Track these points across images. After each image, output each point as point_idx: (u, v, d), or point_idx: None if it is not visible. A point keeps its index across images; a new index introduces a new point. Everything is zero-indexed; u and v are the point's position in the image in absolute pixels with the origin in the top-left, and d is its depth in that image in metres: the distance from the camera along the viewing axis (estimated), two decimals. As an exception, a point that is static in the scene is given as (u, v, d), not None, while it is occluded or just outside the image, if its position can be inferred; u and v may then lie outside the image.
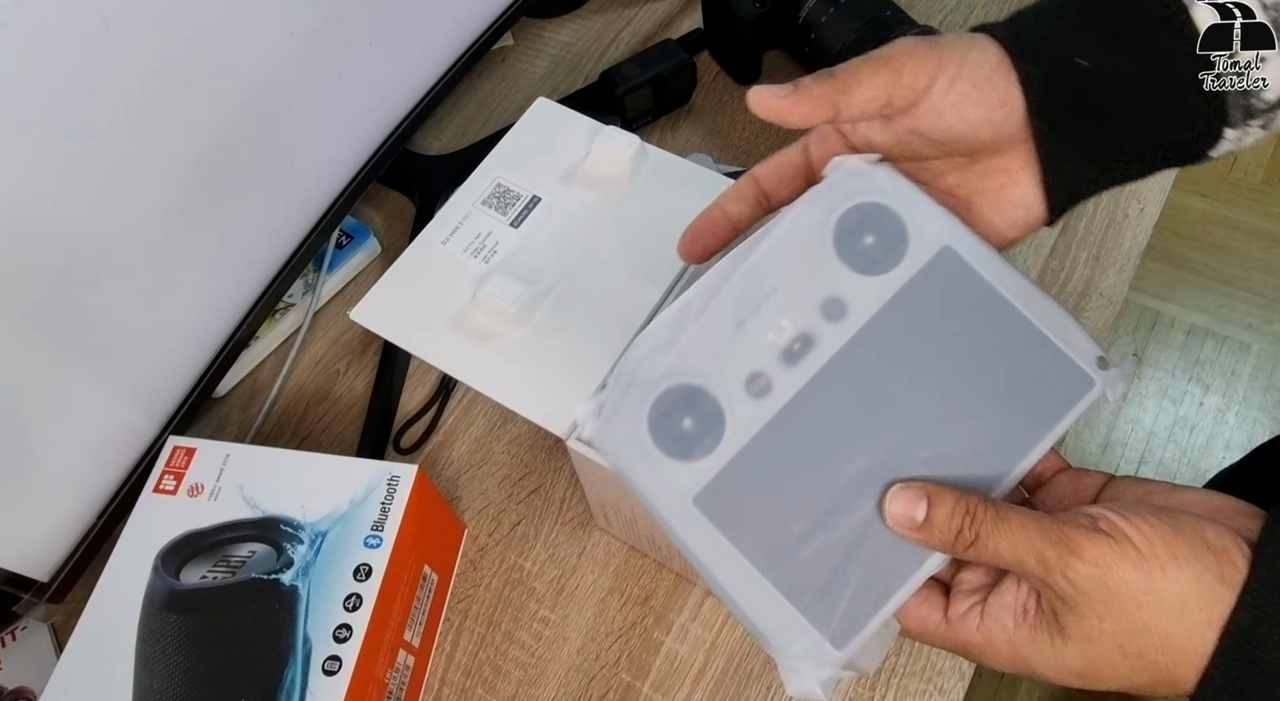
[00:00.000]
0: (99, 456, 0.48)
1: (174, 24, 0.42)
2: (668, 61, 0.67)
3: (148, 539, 0.45)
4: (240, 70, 0.46)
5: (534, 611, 0.51)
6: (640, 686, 0.49)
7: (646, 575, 0.52)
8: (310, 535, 0.45)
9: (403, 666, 0.47)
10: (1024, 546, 0.27)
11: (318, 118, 0.54)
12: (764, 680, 0.48)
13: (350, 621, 0.42)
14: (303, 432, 0.59)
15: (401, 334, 0.45)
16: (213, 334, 0.53)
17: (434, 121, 0.72)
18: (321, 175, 0.56)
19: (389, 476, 0.46)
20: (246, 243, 0.53)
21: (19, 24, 0.35)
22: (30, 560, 0.46)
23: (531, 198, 0.48)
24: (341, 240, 0.64)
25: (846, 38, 0.62)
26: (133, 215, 0.44)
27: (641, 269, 0.46)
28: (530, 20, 0.78)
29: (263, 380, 0.62)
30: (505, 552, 0.53)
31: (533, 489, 0.55)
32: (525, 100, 0.72)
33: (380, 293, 0.46)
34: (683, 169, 0.49)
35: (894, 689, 0.47)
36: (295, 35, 0.49)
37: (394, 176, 0.67)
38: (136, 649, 0.42)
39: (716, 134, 0.69)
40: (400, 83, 0.60)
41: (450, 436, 0.58)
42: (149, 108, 0.42)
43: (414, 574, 0.47)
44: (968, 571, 0.30)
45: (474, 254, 0.47)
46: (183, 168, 0.45)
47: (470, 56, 0.65)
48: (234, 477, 0.46)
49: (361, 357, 0.62)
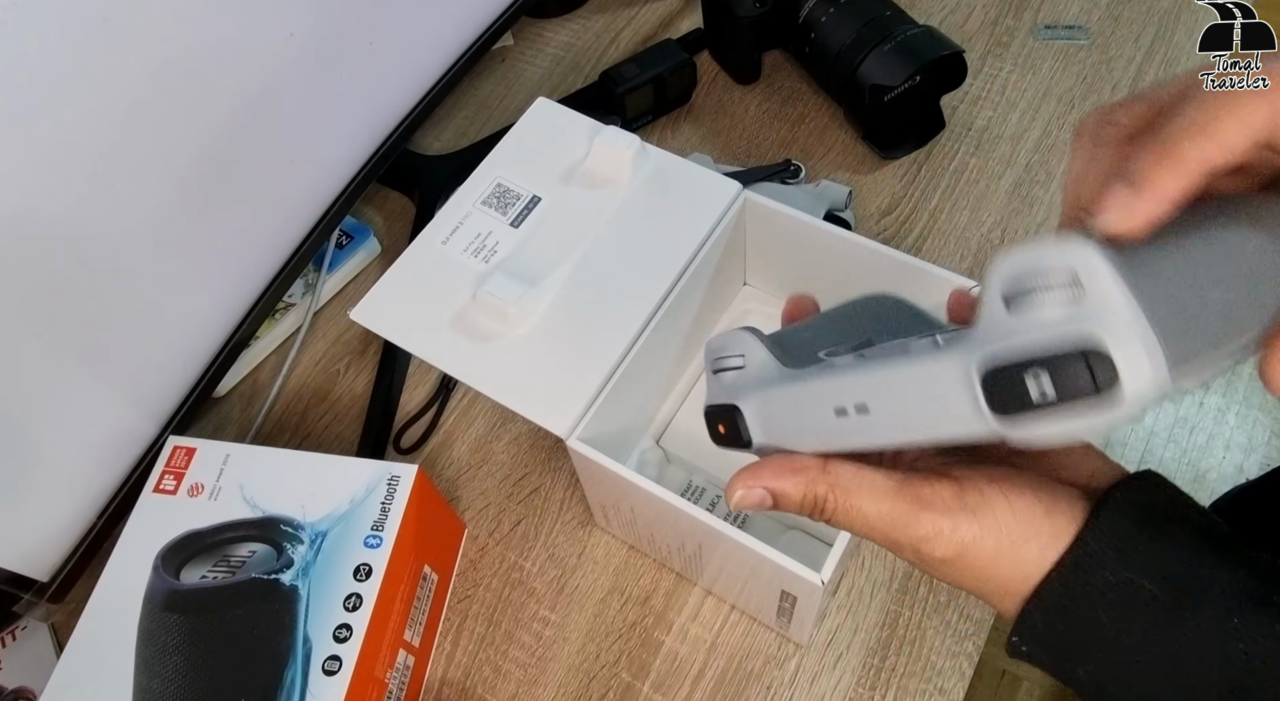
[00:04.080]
0: (99, 456, 0.48)
1: (174, 24, 0.42)
2: (668, 61, 0.67)
3: (148, 539, 0.45)
4: (240, 70, 0.46)
5: (534, 611, 0.51)
6: (640, 686, 0.49)
7: (646, 575, 0.52)
8: (310, 535, 0.44)
9: (403, 666, 0.47)
10: (876, 530, 0.27)
11: (318, 117, 0.54)
12: (764, 680, 0.48)
13: (350, 621, 0.42)
14: (303, 432, 0.59)
15: (401, 334, 0.45)
16: (213, 334, 0.53)
17: (434, 121, 0.72)
18: (321, 175, 0.56)
19: (389, 476, 0.46)
20: (247, 242, 0.53)
21: (19, 23, 0.35)
22: (30, 560, 0.46)
23: (531, 198, 0.48)
24: (341, 240, 0.64)
25: (846, 38, 0.62)
26: (132, 215, 0.44)
27: (641, 268, 0.46)
28: (530, 20, 0.78)
29: (263, 380, 0.62)
30: (505, 552, 0.53)
31: (533, 489, 0.55)
32: (525, 100, 0.72)
33: (380, 292, 0.46)
34: (683, 169, 0.49)
35: (894, 688, 0.47)
36: (295, 35, 0.49)
37: (394, 176, 0.67)
38: (137, 649, 0.42)
39: (716, 134, 0.69)
40: (400, 83, 0.60)
41: (450, 436, 0.58)
42: (149, 107, 0.42)
43: (414, 574, 0.47)
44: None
45: (474, 254, 0.47)
46: (182, 167, 0.45)
47: (470, 56, 0.65)
48: (234, 477, 0.46)
49: (361, 358, 0.62)
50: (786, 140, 0.68)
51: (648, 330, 0.44)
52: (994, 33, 0.72)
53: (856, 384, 0.26)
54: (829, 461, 0.28)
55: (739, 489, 0.28)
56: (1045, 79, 0.69)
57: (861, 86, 0.61)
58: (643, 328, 0.44)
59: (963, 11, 0.74)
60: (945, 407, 0.24)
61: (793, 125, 0.69)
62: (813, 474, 0.28)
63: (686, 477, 0.52)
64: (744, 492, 0.28)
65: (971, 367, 0.23)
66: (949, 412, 0.24)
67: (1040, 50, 0.71)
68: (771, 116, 0.69)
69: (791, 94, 0.70)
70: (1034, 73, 0.70)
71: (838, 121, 0.69)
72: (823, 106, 0.69)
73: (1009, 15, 0.73)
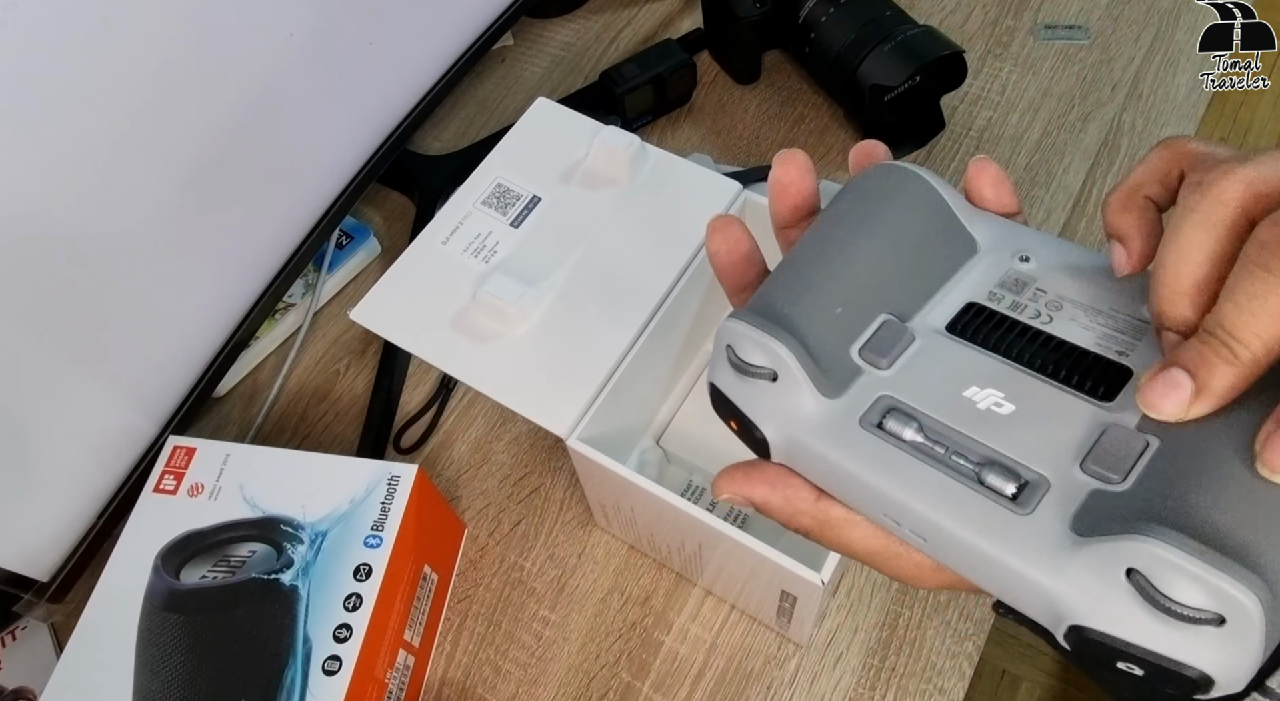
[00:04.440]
0: (99, 456, 0.48)
1: (174, 24, 0.42)
2: (668, 61, 0.67)
3: (148, 539, 0.45)
4: (240, 70, 0.46)
5: (534, 611, 0.51)
6: (640, 686, 0.49)
7: (646, 575, 0.52)
8: (310, 535, 0.44)
9: (403, 666, 0.47)
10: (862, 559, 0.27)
11: (318, 117, 0.54)
12: (764, 680, 0.48)
13: (350, 621, 0.42)
14: (303, 432, 0.59)
15: (401, 334, 0.45)
16: (213, 334, 0.53)
17: (434, 121, 0.72)
18: (321, 175, 0.56)
19: (389, 476, 0.46)
20: (246, 242, 0.53)
21: (19, 23, 0.35)
22: (30, 560, 0.46)
23: (531, 197, 0.48)
24: (341, 240, 0.64)
25: (846, 38, 0.62)
26: (132, 214, 0.44)
27: (641, 268, 0.46)
28: (530, 20, 0.78)
29: (263, 380, 0.62)
30: (505, 552, 0.53)
31: (533, 489, 0.55)
32: (525, 100, 0.72)
33: (380, 292, 0.46)
34: (683, 169, 0.49)
35: (894, 688, 0.47)
36: (295, 35, 0.49)
37: (394, 176, 0.67)
38: (137, 649, 0.42)
39: (716, 134, 0.69)
40: (400, 83, 0.60)
41: (450, 436, 0.58)
42: (149, 107, 0.42)
43: (414, 574, 0.47)
44: None
45: (474, 254, 0.47)
46: (182, 167, 0.45)
47: (470, 56, 0.65)
48: (234, 477, 0.46)
49: (361, 358, 0.62)
50: (786, 140, 0.68)
51: (648, 330, 0.44)
52: (994, 33, 0.72)
53: (917, 509, 0.23)
54: (823, 498, 0.27)
55: (725, 492, 0.28)
56: (1045, 79, 0.69)
57: (861, 86, 0.61)
58: (643, 328, 0.44)
59: (963, 11, 0.74)
60: (1016, 599, 0.22)
61: (793, 125, 0.69)
62: (804, 506, 0.27)
63: (686, 477, 0.52)
64: (729, 497, 0.28)
65: (1065, 615, 0.21)
66: (1016, 600, 0.22)
67: (1040, 50, 0.71)
68: (771, 116, 0.69)
69: (791, 94, 0.70)
70: (1034, 73, 0.70)
71: (838, 121, 0.69)
72: (823, 106, 0.69)
73: (1009, 15, 0.73)
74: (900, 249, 0.27)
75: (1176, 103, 0.67)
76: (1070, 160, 0.65)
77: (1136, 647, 0.20)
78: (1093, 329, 0.25)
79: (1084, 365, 0.24)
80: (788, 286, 0.27)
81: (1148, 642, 0.20)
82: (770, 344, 0.25)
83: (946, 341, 0.26)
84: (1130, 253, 0.24)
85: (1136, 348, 0.24)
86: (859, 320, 0.26)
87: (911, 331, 0.26)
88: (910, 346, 0.26)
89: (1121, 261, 0.24)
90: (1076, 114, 0.67)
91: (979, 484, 0.23)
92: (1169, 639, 0.20)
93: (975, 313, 0.26)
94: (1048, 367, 0.24)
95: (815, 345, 0.25)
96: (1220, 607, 0.19)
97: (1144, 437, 0.22)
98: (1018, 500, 0.22)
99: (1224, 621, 0.19)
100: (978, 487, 0.23)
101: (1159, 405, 0.21)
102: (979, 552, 0.22)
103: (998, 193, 0.29)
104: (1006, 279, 0.27)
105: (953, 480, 0.23)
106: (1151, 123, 0.66)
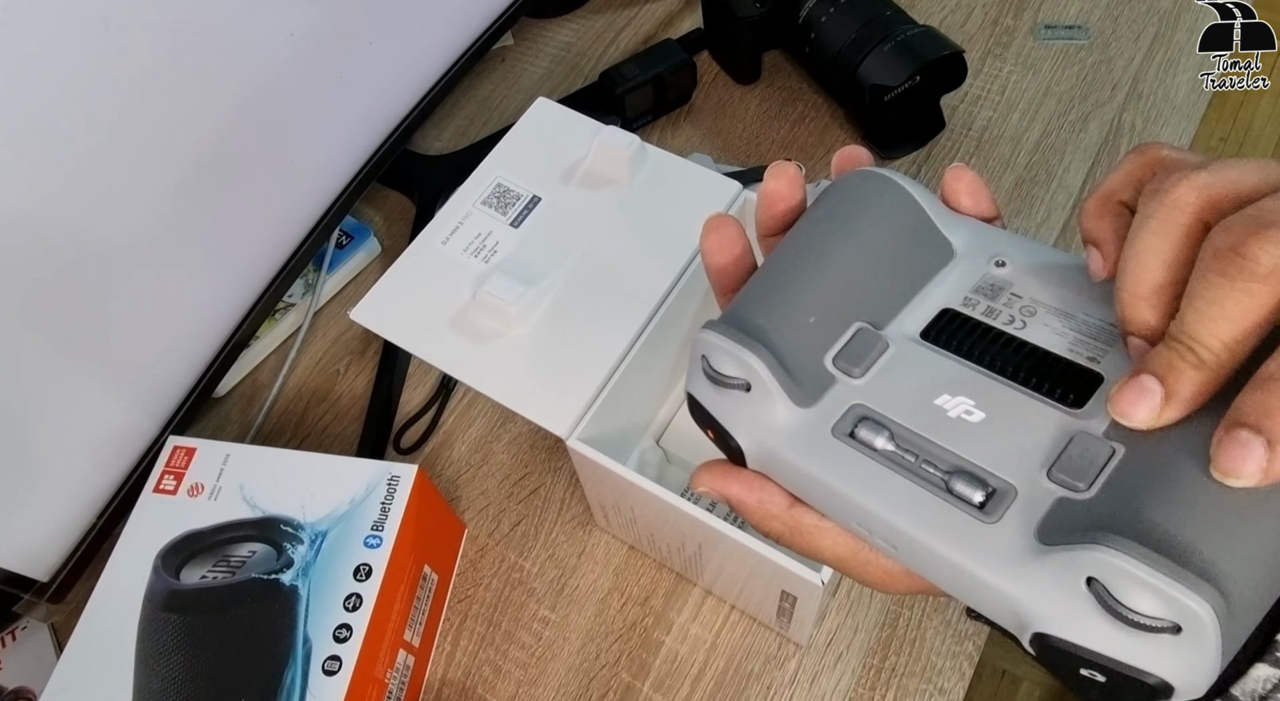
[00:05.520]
0: (99, 456, 0.48)
1: (174, 23, 0.42)
2: (668, 61, 0.67)
3: (148, 539, 0.45)
4: (240, 70, 0.46)
5: (534, 611, 0.51)
6: (640, 686, 0.49)
7: (646, 575, 0.52)
8: (310, 535, 0.44)
9: (403, 666, 0.47)
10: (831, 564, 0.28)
11: (318, 117, 0.54)
12: (764, 680, 0.48)
13: (350, 621, 0.42)
14: (303, 433, 0.59)
15: (401, 334, 0.45)
16: (213, 334, 0.53)
17: (434, 121, 0.72)
18: (321, 175, 0.56)
19: (389, 476, 0.46)
20: (246, 242, 0.53)
21: (19, 23, 0.35)
22: (30, 560, 0.46)
23: (531, 197, 0.48)
24: (341, 240, 0.64)
25: (846, 38, 0.62)
26: (132, 215, 0.44)
27: (641, 268, 0.46)
28: (530, 20, 0.78)
29: (263, 380, 0.62)
30: (505, 552, 0.53)
31: (533, 489, 0.55)
32: (525, 100, 0.72)
33: (380, 292, 0.46)
34: (683, 169, 0.49)
35: (894, 688, 0.47)
36: (295, 35, 0.49)
37: (394, 176, 0.67)
38: (136, 649, 0.42)
39: (716, 134, 0.69)
40: (400, 83, 0.60)
41: (450, 436, 0.58)
42: (149, 107, 0.42)
43: (414, 574, 0.47)
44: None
45: (474, 254, 0.47)
46: (182, 167, 0.45)
47: (470, 56, 0.65)
48: (234, 477, 0.46)
49: (361, 358, 0.62)
50: (786, 140, 0.68)
51: (648, 330, 0.44)
52: (994, 33, 0.72)
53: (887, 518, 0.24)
54: (796, 505, 0.27)
55: (702, 486, 0.28)
56: (1045, 79, 0.69)
57: (861, 86, 0.61)
58: (643, 328, 0.44)
59: (963, 11, 0.74)
60: (984, 607, 0.23)
61: (793, 125, 0.69)
62: (776, 511, 0.27)
63: (686, 477, 0.52)
64: (705, 491, 0.28)
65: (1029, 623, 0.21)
66: (983, 607, 0.23)
67: (1040, 50, 0.71)
68: (771, 116, 0.69)
69: (791, 94, 0.70)
70: (1034, 73, 0.70)
71: (838, 121, 0.69)
72: (823, 106, 0.69)
73: (1009, 15, 0.73)
74: (875, 256, 0.27)
75: (1176, 103, 0.67)
76: (1070, 160, 0.65)
77: (1097, 655, 0.20)
78: (1065, 334, 0.25)
79: (1055, 371, 0.24)
80: (762, 296, 0.27)
81: (1108, 650, 0.20)
82: (743, 355, 0.25)
83: (920, 349, 0.26)
84: (1105, 257, 0.24)
85: (1108, 353, 0.24)
86: (833, 329, 0.26)
87: (885, 339, 0.26)
88: (884, 354, 0.26)
89: (1097, 266, 0.25)
90: (1076, 114, 0.67)
91: (947, 492, 0.23)
92: (1128, 647, 0.20)
93: (950, 319, 0.26)
94: (1019, 374, 0.24)
95: (788, 355, 0.26)
96: (1175, 616, 0.19)
97: (1110, 445, 0.22)
98: (985, 508, 0.23)
99: (1180, 629, 0.19)
100: (946, 496, 0.23)
101: (1130, 412, 0.21)
102: (946, 561, 0.23)
103: (975, 199, 0.29)
104: (982, 284, 0.27)
105: (922, 489, 0.23)
106: (1151, 123, 0.66)
